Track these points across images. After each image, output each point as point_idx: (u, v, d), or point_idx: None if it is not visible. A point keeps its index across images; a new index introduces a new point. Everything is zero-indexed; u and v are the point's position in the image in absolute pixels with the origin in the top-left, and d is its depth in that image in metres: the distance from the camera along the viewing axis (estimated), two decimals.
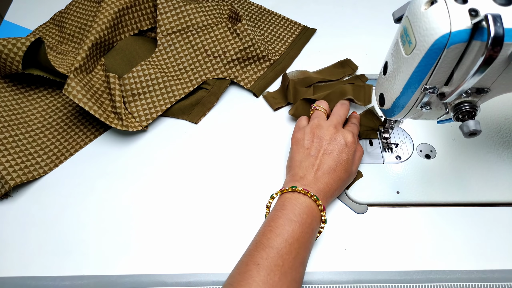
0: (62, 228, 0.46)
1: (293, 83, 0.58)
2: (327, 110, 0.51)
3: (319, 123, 0.48)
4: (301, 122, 0.50)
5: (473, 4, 0.31)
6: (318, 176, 0.43)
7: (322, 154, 0.45)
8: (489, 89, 0.36)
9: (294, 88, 0.58)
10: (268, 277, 0.35)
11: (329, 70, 0.62)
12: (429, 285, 0.42)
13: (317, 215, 0.41)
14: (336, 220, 0.47)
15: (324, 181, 0.43)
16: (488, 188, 0.49)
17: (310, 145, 0.46)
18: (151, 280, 0.42)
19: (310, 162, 0.45)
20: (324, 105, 0.51)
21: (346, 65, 0.62)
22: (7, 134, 0.52)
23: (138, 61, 0.60)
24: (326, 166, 0.44)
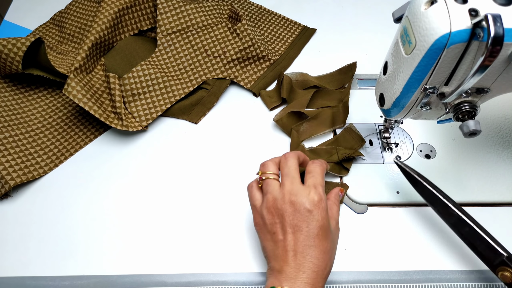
0: (62, 228, 0.46)
1: (289, 80, 0.58)
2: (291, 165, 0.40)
3: (274, 197, 0.38)
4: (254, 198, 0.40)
5: (473, 4, 0.31)
6: (299, 263, 0.35)
7: (292, 233, 0.36)
8: (489, 89, 0.36)
9: (290, 86, 0.58)
10: None
11: (331, 76, 0.61)
12: (429, 285, 0.42)
13: None
14: None
15: (308, 266, 0.35)
16: (488, 188, 0.49)
17: (273, 227, 0.37)
18: (151, 280, 0.42)
19: (282, 248, 0.36)
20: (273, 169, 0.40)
21: (349, 71, 0.60)
22: (7, 134, 0.52)
23: (138, 61, 0.60)
24: (302, 246, 0.35)
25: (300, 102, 0.56)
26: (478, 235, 0.38)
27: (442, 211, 0.41)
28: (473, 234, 0.38)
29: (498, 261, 0.37)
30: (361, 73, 0.62)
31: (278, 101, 0.58)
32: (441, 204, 0.41)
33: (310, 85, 0.59)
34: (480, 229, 0.38)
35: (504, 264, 0.36)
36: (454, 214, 0.40)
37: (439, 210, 0.41)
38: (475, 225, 0.38)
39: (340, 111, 0.55)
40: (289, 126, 0.55)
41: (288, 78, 0.58)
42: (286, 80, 0.57)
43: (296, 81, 0.59)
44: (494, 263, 0.37)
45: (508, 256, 0.36)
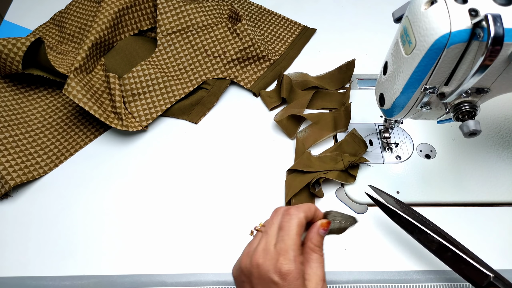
0: (62, 228, 0.46)
1: (289, 80, 0.58)
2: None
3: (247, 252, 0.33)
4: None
5: (473, 4, 0.31)
6: None
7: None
8: (489, 89, 0.36)
9: (290, 86, 0.57)
10: None
11: (331, 76, 0.61)
12: (429, 285, 0.42)
13: None
14: None
15: None
16: (488, 188, 0.49)
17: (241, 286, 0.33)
18: (151, 280, 0.42)
19: None
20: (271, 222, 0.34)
21: (348, 69, 0.60)
22: (7, 134, 0.52)
23: (138, 61, 0.60)
24: None
25: (300, 102, 0.56)
26: (462, 259, 0.37)
27: (422, 239, 0.39)
28: (457, 258, 0.37)
29: (486, 283, 0.36)
30: (361, 73, 0.62)
31: (278, 101, 0.58)
32: (420, 232, 0.39)
33: (310, 85, 0.59)
34: (463, 252, 0.37)
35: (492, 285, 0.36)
36: (434, 240, 0.39)
37: (419, 238, 0.40)
38: (457, 249, 0.37)
39: (342, 115, 0.54)
40: (290, 127, 0.55)
41: (288, 78, 0.58)
42: (286, 80, 0.57)
43: (296, 81, 0.59)
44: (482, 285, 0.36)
45: (494, 276, 0.36)
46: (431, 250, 0.39)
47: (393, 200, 0.43)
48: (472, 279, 0.37)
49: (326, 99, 0.58)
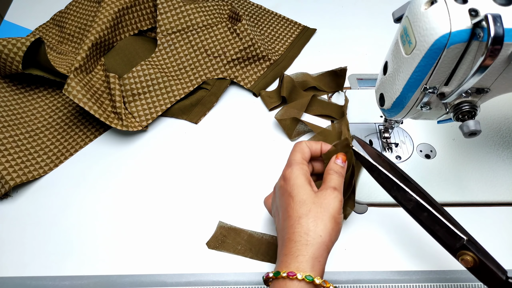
0: (62, 228, 0.46)
1: (290, 80, 0.58)
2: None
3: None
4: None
5: (473, 4, 0.31)
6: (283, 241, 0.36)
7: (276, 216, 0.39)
8: (489, 89, 0.36)
9: (291, 85, 0.57)
10: None
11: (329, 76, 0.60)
12: (429, 285, 0.42)
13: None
14: None
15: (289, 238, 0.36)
16: (488, 188, 0.49)
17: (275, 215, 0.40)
18: (151, 280, 0.42)
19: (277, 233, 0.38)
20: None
21: (341, 76, 0.58)
22: (7, 134, 0.52)
23: (138, 61, 0.60)
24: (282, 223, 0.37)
25: (300, 103, 0.56)
26: (438, 220, 0.36)
27: (400, 197, 0.38)
28: (433, 219, 0.36)
29: (459, 245, 0.35)
30: (361, 73, 0.62)
31: (278, 101, 0.58)
32: (398, 189, 0.38)
33: (310, 85, 0.59)
34: (439, 214, 0.36)
35: (464, 248, 0.34)
36: (412, 199, 0.37)
37: (396, 196, 0.38)
38: (434, 210, 0.36)
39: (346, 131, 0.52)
40: (291, 128, 0.54)
41: (289, 77, 0.58)
42: (287, 80, 0.57)
43: (297, 81, 0.59)
44: (455, 247, 0.35)
45: (468, 239, 0.35)
46: (407, 209, 0.38)
47: (377, 154, 0.41)
48: (445, 241, 0.36)
49: (324, 105, 0.58)
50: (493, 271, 0.34)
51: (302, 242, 0.34)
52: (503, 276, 0.34)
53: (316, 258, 0.34)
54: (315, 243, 0.34)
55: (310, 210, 0.36)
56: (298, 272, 0.33)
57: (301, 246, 0.34)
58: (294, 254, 0.34)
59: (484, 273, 0.35)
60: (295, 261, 0.34)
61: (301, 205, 0.36)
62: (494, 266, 0.34)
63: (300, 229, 0.35)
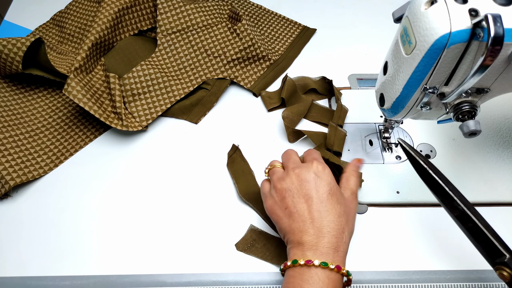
0: (62, 228, 0.46)
1: (292, 83, 0.58)
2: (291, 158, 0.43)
3: (278, 177, 0.41)
4: (264, 188, 0.42)
5: (473, 4, 0.31)
6: (317, 229, 0.37)
7: (303, 203, 0.38)
8: (489, 89, 0.36)
9: (292, 88, 0.57)
10: None
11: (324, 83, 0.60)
12: (429, 285, 0.42)
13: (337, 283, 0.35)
14: None
15: (326, 230, 0.36)
16: (488, 188, 0.49)
17: (284, 202, 0.39)
18: (151, 280, 0.42)
19: (298, 219, 0.37)
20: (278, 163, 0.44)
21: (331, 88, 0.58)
22: (7, 134, 0.52)
23: (138, 61, 0.60)
24: (316, 212, 0.37)
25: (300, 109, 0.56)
26: (482, 233, 0.37)
27: (447, 203, 0.39)
28: (477, 230, 0.37)
29: (500, 260, 0.36)
30: (361, 73, 0.62)
31: (278, 102, 0.58)
32: (446, 196, 0.39)
33: (310, 87, 0.59)
34: (484, 226, 0.37)
35: (504, 264, 0.36)
36: (459, 208, 0.38)
37: (444, 201, 0.40)
38: (479, 221, 0.37)
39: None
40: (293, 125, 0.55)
41: (291, 81, 0.58)
42: (289, 83, 0.57)
43: (298, 84, 0.59)
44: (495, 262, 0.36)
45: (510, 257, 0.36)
46: (454, 216, 0.39)
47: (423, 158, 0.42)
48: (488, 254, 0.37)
49: (322, 112, 0.57)
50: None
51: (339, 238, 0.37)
52: None
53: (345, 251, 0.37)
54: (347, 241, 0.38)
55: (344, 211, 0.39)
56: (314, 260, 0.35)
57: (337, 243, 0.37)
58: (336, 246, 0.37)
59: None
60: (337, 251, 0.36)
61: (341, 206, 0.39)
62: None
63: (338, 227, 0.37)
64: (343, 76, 0.62)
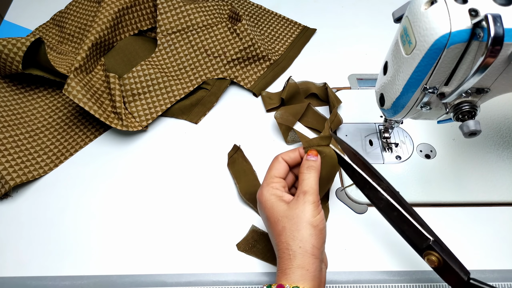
0: (62, 228, 0.46)
1: (295, 85, 0.57)
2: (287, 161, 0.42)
3: None
4: None
5: (473, 4, 0.31)
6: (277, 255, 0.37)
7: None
8: (489, 89, 0.36)
9: (294, 90, 0.57)
10: None
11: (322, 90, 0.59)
12: (429, 285, 0.42)
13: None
14: (336, 220, 0.47)
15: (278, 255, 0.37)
16: (488, 188, 0.49)
17: None
18: (151, 280, 0.42)
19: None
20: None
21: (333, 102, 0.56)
22: (7, 134, 0.52)
23: (138, 61, 0.60)
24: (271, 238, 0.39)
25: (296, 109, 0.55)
26: (406, 220, 0.37)
27: (371, 196, 0.39)
28: (402, 218, 0.37)
29: (425, 245, 0.36)
30: (361, 73, 0.62)
31: (277, 103, 0.57)
32: (370, 187, 0.39)
33: (311, 91, 0.58)
34: (408, 213, 0.37)
35: (430, 248, 0.36)
36: (383, 198, 0.38)
37: (369, 194, 0.40)
38: (403, 210, 0.37)
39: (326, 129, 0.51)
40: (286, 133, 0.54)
41: (294, 83, 0.57)
42: (291, 85, 0.57)
43: (301, 89, 0.58)
44: (421, 247, 0.37)
45: (434, 240, 0.36)
46: (379, 208, 0.39)
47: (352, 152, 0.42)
48: (413, 240, 0.37)
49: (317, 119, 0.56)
50: (455, 271, 0.35)
51: (285, 257, 0.35)
52: (465, 276, 0.35)
53: (303, 268, 0.34)
54: (297, 255, 0.35)
55: (284, 227, 0.36)
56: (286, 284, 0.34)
57: (286, 260, 0.35)
58: (283, 268, 0.35)
59: (447, 273, 0.36)
60: (284, 274, 0.35)
61: (276, 223, 0.37)
62: (457, 267, 0.35)
63: (281, 246, 0.36)
64: (343, 76, 0.62)
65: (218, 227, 0.46)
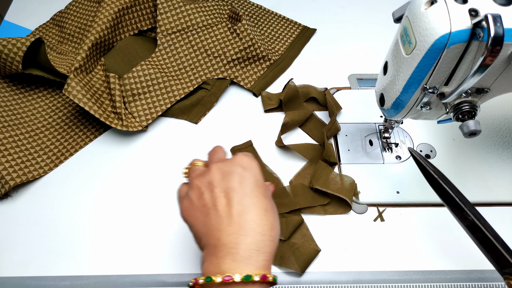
0: (62, 228, 0.46)
1: (294, 87, 0.57)
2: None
3: (198, 174, 0.34)
4: (181, 191, 0.36)
5: (473, 4, 0.31)
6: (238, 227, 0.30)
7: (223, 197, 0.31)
8: (489, 89, 0.36)
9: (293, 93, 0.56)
10: None
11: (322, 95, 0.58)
12: (429, 285, 0.42)
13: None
14: (336, 220, 0.47)
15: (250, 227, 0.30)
16: (488, 188, 0.49)
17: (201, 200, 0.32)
18: (151, 280, 0.42)
19: (215, 217, 0.31)
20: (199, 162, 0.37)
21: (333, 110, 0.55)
22: (7, 134, 0.52)
23: (138, 61, 0.60)
24: (237, 207, 0.30)
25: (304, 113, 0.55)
26: (491, 243, 0.38)
27: (457, 213, 0.41)
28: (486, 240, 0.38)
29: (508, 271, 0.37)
30: (361, 73, 0.62)
31: (276, 104, 0.57)
32: (456, 206, 0.40)
33: (311, 95, 0.57)
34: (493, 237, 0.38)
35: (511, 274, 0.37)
36: (468, 218, 0.40)
37: (453, 210, 0.41)
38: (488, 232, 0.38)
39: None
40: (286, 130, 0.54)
41: (294, 86, 0.57)
42: (291, 87, 0.57)
43: (301, 92, 0.58)
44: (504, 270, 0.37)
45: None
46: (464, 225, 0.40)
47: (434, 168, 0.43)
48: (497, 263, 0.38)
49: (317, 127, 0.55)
50: None
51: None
52: None
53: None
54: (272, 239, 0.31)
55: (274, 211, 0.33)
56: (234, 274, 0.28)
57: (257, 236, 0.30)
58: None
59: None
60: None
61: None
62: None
63: None
64: (343, 76, 0.62)
65: None
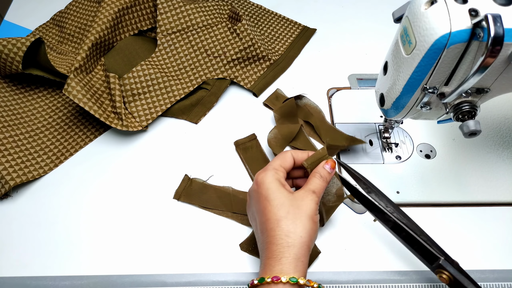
0: (62, 228, 0.46)
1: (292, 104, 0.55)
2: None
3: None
4: None
5: (473, 4, 0.31)
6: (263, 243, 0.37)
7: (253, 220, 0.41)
8: (489, 89, 0.36)
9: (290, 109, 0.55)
10: None
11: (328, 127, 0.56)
12: (429, 285, 0.42)
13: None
14: (336, 220, 0.47)
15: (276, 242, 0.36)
16: (488, 188, 0.49)
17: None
18: (151, 280, 0.42)
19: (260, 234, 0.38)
20: None
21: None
22: (7, 134, 0.52)
23: (138, 61, 0.60)
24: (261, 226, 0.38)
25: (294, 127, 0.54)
26: (415, 240, 0.39)
27: (380, 217, 0.41)
28: (410, 238, 0.39)
29: (436, 264, 0.38)
30: (361, 73, 0.62)
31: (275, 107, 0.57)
32: (378, 210, 0.41)
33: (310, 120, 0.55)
34: (416, 233, 0.39)
35: (441, 267, 0.37)
36: (390, 220, 0.40)
37: (377, 215, 0.41)
38: (411, 230, 0.39)
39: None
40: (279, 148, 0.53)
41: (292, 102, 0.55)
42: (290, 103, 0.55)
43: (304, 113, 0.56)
44: (433, 265, 0.38)
45: (444, 258, 0.37)
46: (388, 227, 0.41)
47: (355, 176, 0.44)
48: (425, 258, 0.39)
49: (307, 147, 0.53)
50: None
51: (283, 244, 0.35)
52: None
53: (299, 259, 0.35)
54: (296, 244, 0.35)
55: (288, 212, 0.36)
56: (282, 276, 0.33)
57: (283, 248, 0.35)
58: (277, 256, 0.35)
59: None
60: (279, 263, 0.34)
61: (279, 207, 0.37)
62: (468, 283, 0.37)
63: (280, 232, 0.35)
64: (343, 76, 0.62)
65: (218, 227, 0.46)
